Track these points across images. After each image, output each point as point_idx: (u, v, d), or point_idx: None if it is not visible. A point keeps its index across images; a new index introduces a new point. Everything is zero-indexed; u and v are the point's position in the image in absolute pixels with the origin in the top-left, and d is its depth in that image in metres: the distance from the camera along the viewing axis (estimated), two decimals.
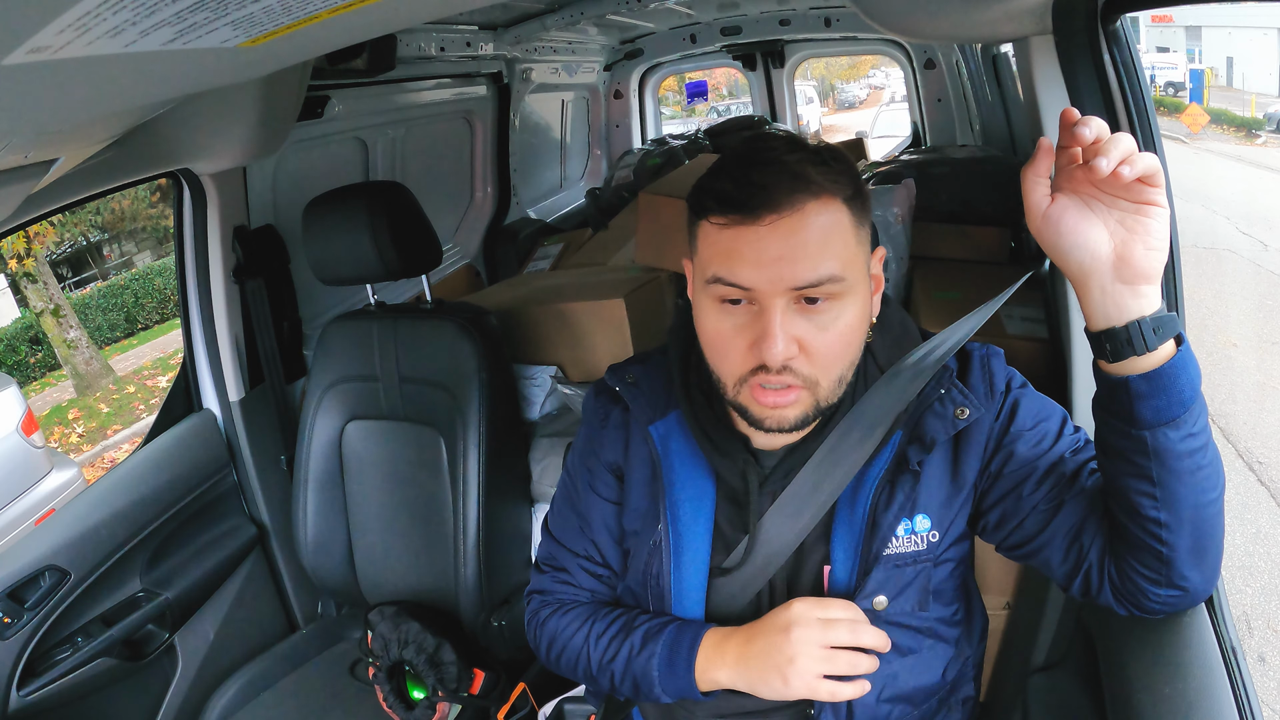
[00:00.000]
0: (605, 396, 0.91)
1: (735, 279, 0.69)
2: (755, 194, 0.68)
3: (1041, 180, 0.64)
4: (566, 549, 0.93)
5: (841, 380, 0.74)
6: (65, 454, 5.09)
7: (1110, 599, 0.74)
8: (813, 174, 0.69)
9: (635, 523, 0.87)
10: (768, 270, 0.68)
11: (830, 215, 0.69)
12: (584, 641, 0.86)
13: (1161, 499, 0.66)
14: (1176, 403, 0.64)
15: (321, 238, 1.38)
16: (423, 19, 1.72)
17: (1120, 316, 0.64)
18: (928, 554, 0.79)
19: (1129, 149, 0.59)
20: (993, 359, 0.81)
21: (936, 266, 1.73)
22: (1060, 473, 0.76)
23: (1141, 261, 0.62)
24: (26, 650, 1.25)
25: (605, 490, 0.90)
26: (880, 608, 0.78)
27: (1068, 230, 0.64)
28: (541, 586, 0.94)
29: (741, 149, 0.73)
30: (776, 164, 0.69)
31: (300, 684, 1.48)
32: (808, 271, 0.68)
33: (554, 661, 0.91)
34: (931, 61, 3.12)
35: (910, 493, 0.78)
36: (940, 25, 1.06)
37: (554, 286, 1.88)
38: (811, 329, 0.70)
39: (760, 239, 0.68)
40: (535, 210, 2.85)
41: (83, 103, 0.61)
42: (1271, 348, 4.38)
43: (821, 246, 0.68)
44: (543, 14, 2.27)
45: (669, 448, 0.85)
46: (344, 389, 1.48)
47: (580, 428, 0.94)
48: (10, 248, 6.29)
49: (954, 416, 0.77)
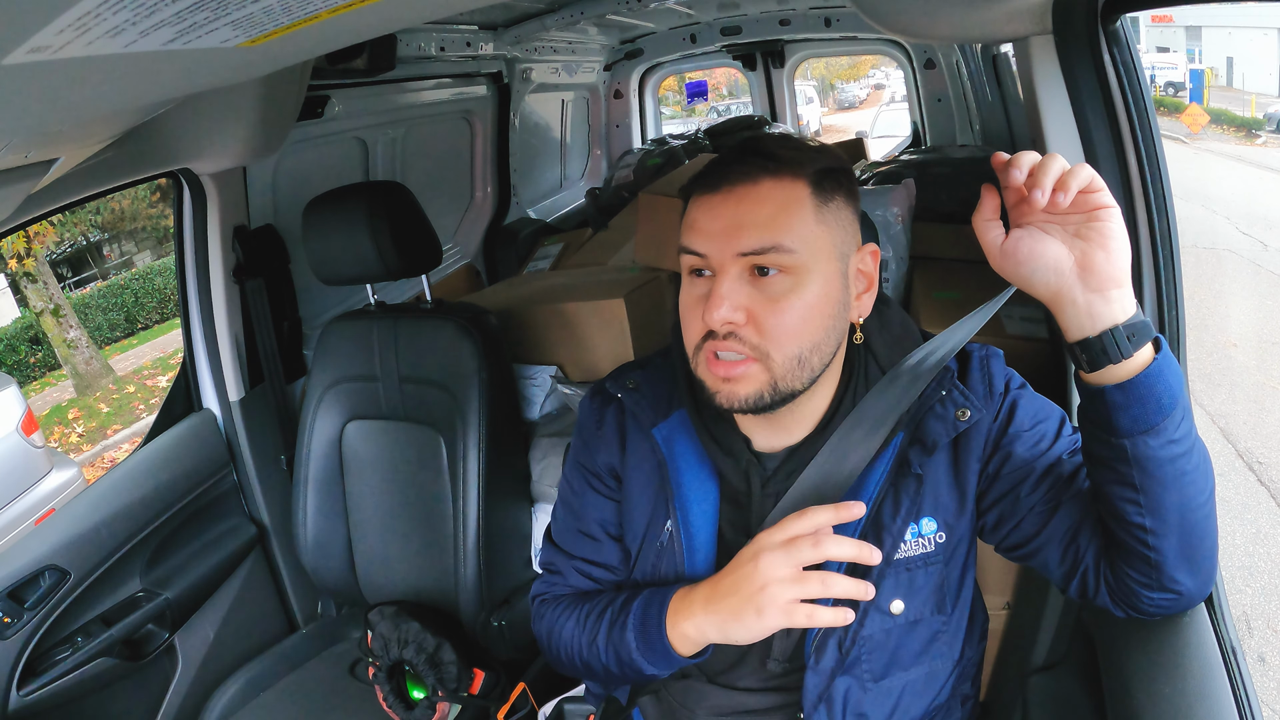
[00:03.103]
0: (600, 399, 0.91)
1: (693, 246, 0.73)
2: (724, 170, 0.73)
3: (992, 222, 0.67)
4: (564, 552, 0.93)
5: (801, 362, 0.73)
6: (65, 454, 5.09)
7: (1107, 601, 0.74)
8: (776, 152, 0.73)
9: (638, 523, 0.87)
10: (718, 238, 0.72)
11: (787, 191, 0.72)
12: (575, 626, 0.86)
13: (1145, 505, 0.66)
14: (1154, 410, 0.64)
15: (321, 237, 1.38)
16: (423, 19, 1.72)
17: (1095, 326, 0.64)
18: (937, 555, 0.80)
19: (1058, 171, 0.61)
20: (992, 360, 0.81)
21: (936, 266, 1.73)
22: (1058, 474, 0.76)
23: (1104, 266, 0.63)
24: (26, 650, 1.25)
25: (603, 489, 0.90)
26: (898, 612, 0.79)
27: (1025, 258, 0.65)
28: (542, 590, 0.95)
29: (729, 147, 0.78)
30: (750, 149, 0.74)
31: (300, 684, 1.48)
32: (754, 238, 0.70)
33: (556, 655, 0.90)
34: (931, 61, 3.12)
35: (915, 496, 0.78)
36: (940, 25, 1.06)
37: (554, 286, 1.88)
38: (761, 299, 0.71)
39: (714, 207, 0.72)
40: (535, 210, 2.85)
41: (83, 103, 0.61)
42: (1271, 348, 4.38)
43: (773, 217, 0.71)
44: (543, 14, 2.27)
45: (674, 449, 0.84)
46: (344, 389, 1.48)
47: (575, 433, 0.94)
48: (10, 248, 6.29)
49: (955, 418, 0.77)
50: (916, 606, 0.79)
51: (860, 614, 0.78)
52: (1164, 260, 0.95)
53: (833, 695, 0.80)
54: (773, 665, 0.83)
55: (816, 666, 0.79)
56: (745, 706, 0.85)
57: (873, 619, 0.79)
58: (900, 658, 0.80)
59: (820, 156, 0.74)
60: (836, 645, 0.79)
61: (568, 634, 0.87)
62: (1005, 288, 0.79)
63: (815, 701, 0.80)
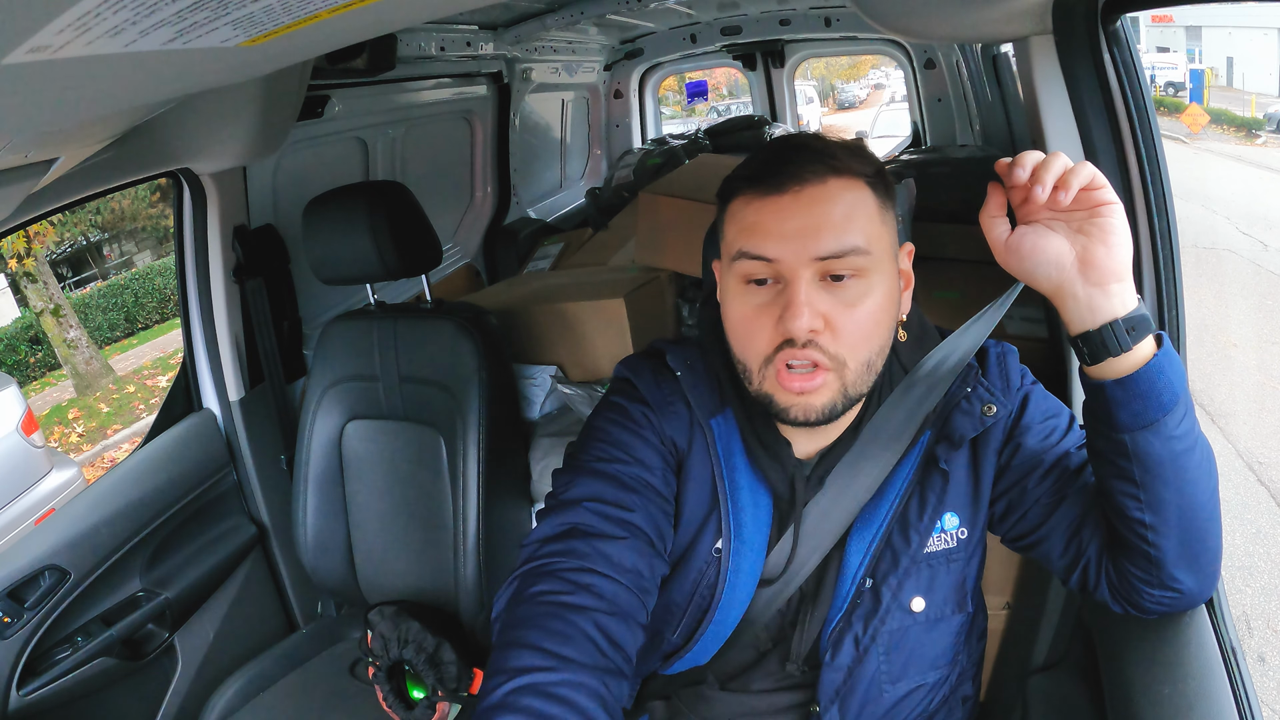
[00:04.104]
0: (667, 375, 0.82)
1: (760, 251, 0.69)
2: (780, 169, 0.69)
3: (998, 218, 0.68)
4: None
5: (870, 366, 0.72)
6: (65, 454, 5.09)
7: (1107, 596, 0.74)
8: (836, 152, 0.70)
9: (688, 523, 0.80)
10: (792, 241, 0.68)
11: (854, 191, 0.70)
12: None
13: (1145, 501, 0.67)
14: (1155, 406, 0.64)
15: (322, 237, 1.38)
16: (423, 19, 1.72)
17: (1095, 319, 0.65)
18: (959, 551, 0.80)
19: (1059, 169, 0.62)
20: (1008, 356, 0.82)
21: (936, 266, 1.73)
22: (1064, 467, 0.77)
23: (1104, 261, 0.64)
24: (26, 650, 1.25)
25: (668, 461, 0.80)
26: (918, 610, 0.78)
27: (1028, 252, 0.66)
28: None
29: (772, 142, 0.75)
30: (803, 146, 0.71)
31: (300, 684, 1.48)
32: (831, 241, 0.68)
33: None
34: (931, 61, 3.12)
35: (941, 493, 0.79)
36: (940, 25, 1.06)
37: (554, 286, 1.88)
38: (837, 305, 0.69)
39: (783, 209, 0.69)
40: (535, 210, 2.85)
41: (83, 103, 0.61)
42: (1271, 348, 4.38)
43: (846, 219, 0.69)
44: (543, 14, 2.27)
45: (730, 448, 0.80)
46: (344, 389, 1.48)
47: (621, 399, 0.82)
48: (10, 248, 6.29)
49: (981, 413, 0.77)
50: (937, 604, 0.79)
51: (881, 610, 0.78)
52: (1164, 260, 0.95)
53: (848, 692, 0.80)
54: (790, 667, 0.83)
55: (832, 664, 0.79)
56: (758, 709, 0.85)
57: (894, 616, 0.79)
58: (916, 654, 0.80)
59: (871, 157, 0.73)
60: (853, 641, 0.79)
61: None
62: (1006, 289, 0.80)
63: (831, 698, 0.80)
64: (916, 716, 0.83)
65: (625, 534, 0.72)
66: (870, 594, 0.79)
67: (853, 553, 0.79)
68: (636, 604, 0.70)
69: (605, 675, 0.63)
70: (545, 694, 0.59)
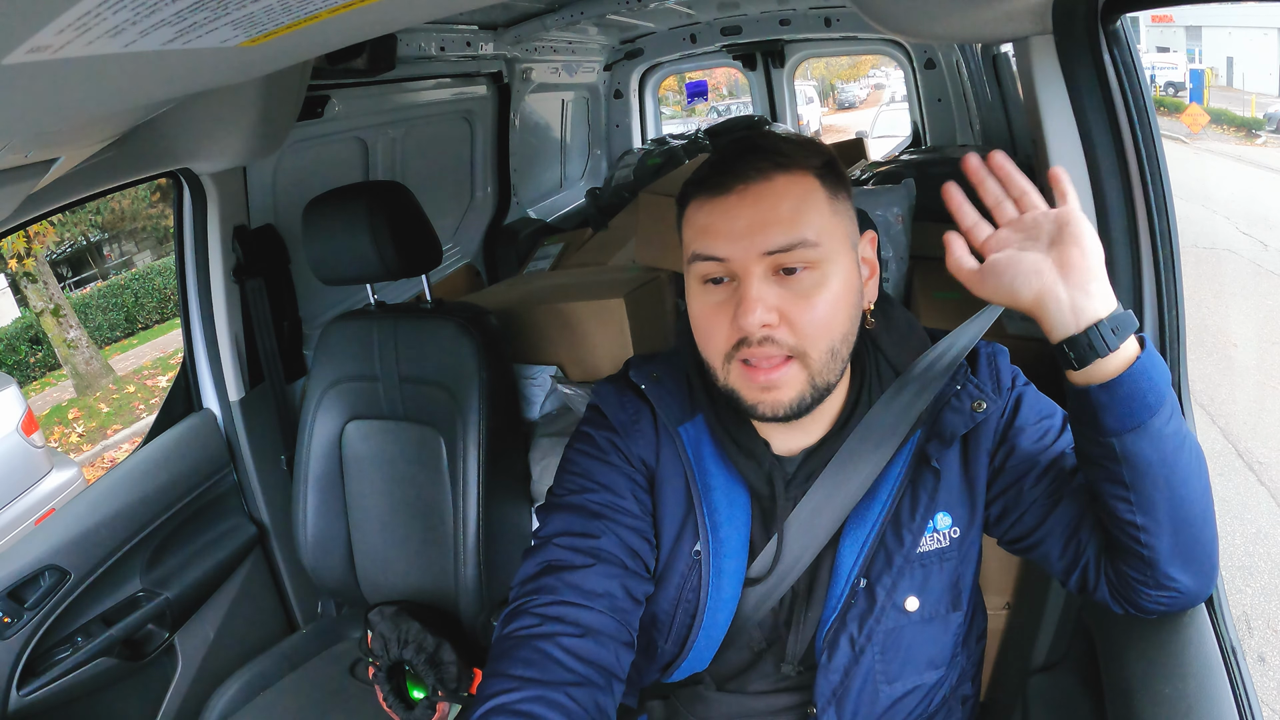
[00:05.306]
0: (631, 394, 0.85)
1: (712, 251, 0.71)
2: (727, 170, 0.71)
3: (965, 257, 0.70)
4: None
5: (834, 354, 0.72)
6: (65, 454, 5.09)
7: (1107, 596, 0.74)
8: (782, 148, 0.72)
9: (667, 536, 0.82)
10: (741, 239, 0.70)
11: (801, 185, 0.71)
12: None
13: (1136, 503, 0.67)
14: (1140, 408, 0.65)
15: (321, 237, 1.38)
16: (423, 19, 1.72)
17: (1079, 322, 0.65)
18: (952, 551, 0.80)
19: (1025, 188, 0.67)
20: (999, 356, 0.82)
21: (936, 266, 1.72)
22: (1060, 468, 0.77)
23: (1082, 261, 0.65)
24: (26, 650, 1.25)
25: (640, 482, 0.82)
26: (912, 609, 0.78)
27: (1005, 268, 0.68)
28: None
29: (724, 146, 0.76)
30: (750, 147, 0.72)
31: (300, 684, 1.48)
32: (779, 236, 0.69)
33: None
34: (931, 61, 3.12)
35: (933, 492, 0.79)
36: (940, 25, 1.06)
37: (554, 286, 1.88)
38: (791, 297, 0.70)
39: (730, 209, 0.71)
40: (535, 210, 2.85)
41: (83, 103, 0.61)
42: (1271, 348, 4.38)
43: (793, 213, 0.70)
44: (543, 14, 2.27)
45: (700, 452, 0.81)
46: (344, 389, 1.48)
47: (588, 426, 0.85)
48: (10, 248, 6.29)
49: (971, 410, 0.77)
50: (931, 603, 0.79)
51: (875, 610, 0.78)
52: (1164, 260, 0.95)
53: (844, 692, 0.80)
54: (786, 668, 0.83)
55: (829, 664, 0.79)
56: (755, 710, 0.85)
57: (889, 615, 0.79)
58: (912, 654, 0.80)
59: (819, 150, 0.74)
60: (849, 642, 0.79)
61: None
62: None
63: (829, 699, 0.80)
64: (916, 717, 0.83)
65: (593, 560, 0.77)
66: (865, 594, 0.79)
67: (846, 552, 0.79)
68: (612, 623, 0.75)
69: (570, 689, 0.69)
70: (510, 711, 0.67)
